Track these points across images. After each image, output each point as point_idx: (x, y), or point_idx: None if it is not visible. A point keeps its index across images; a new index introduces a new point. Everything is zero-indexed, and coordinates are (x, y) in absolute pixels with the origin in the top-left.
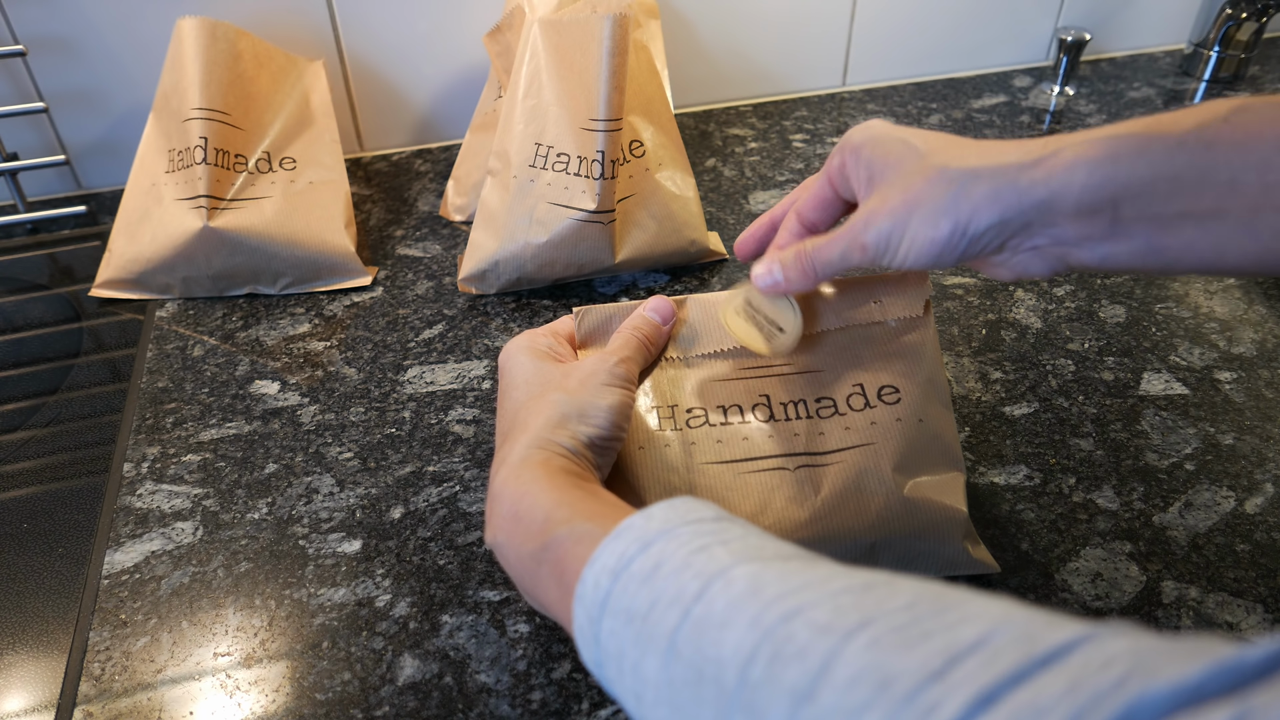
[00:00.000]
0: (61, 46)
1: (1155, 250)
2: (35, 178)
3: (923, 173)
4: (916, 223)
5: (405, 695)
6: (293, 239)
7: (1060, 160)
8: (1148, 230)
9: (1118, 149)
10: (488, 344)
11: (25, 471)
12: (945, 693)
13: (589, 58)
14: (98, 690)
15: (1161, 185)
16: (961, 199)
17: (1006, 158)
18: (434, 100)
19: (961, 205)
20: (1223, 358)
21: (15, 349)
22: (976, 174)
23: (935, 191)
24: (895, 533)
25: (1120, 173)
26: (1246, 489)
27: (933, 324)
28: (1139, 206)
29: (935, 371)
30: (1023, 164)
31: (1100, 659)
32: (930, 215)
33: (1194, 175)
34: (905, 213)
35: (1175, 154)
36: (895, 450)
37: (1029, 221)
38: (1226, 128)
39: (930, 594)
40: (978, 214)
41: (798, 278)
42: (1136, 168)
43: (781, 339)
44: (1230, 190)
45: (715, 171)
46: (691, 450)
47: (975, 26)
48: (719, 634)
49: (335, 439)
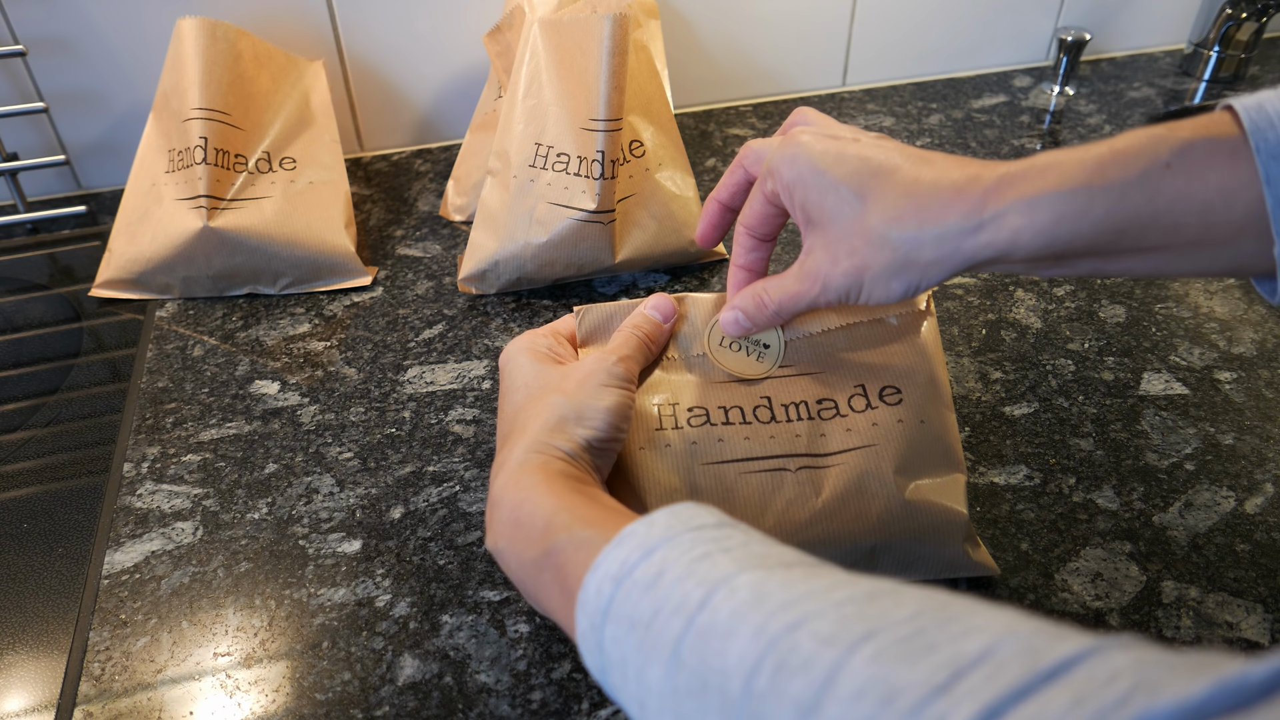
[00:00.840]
0: (61, 46)
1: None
2: (35, 178)
3: (864, 235)
4: (869, 284)
5: (405, 695)
6: (293, 239)
7: (1005, 225)
8: (1091, 263)
9: (1060, 211)
10: (488, 344)
11: (25, 471)
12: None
13: (589, 58)
14: (98, 690)
15: (1105, 238)
16: (910, 265)
17: (948, 219)
18: (434, 100)
19: (911, 270)
20: (1223, 358)
21: (15, 349)
22: (920, 242)
23: (882, 257)
24: (895, 535)
25: (1063, 233)
26: (1246, 489)
27: (935, 324)
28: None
29: (937, 372)
30: (964, 229)
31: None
32: (882, 278)
33: (1137, 225)
34: (857, 275)
35: (1118, 207)
36: (896, 452)
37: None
38: (1169, 175)
39: (934, 604)
40: (928, 275)
41: (762, 321)
42: (1080, 227)
43: (769, 353)
44: (1173, 232)
45: (715, 171)
46: (693, 450)
47: (975, 26)
48: (723, 643)
49: (335, 439)
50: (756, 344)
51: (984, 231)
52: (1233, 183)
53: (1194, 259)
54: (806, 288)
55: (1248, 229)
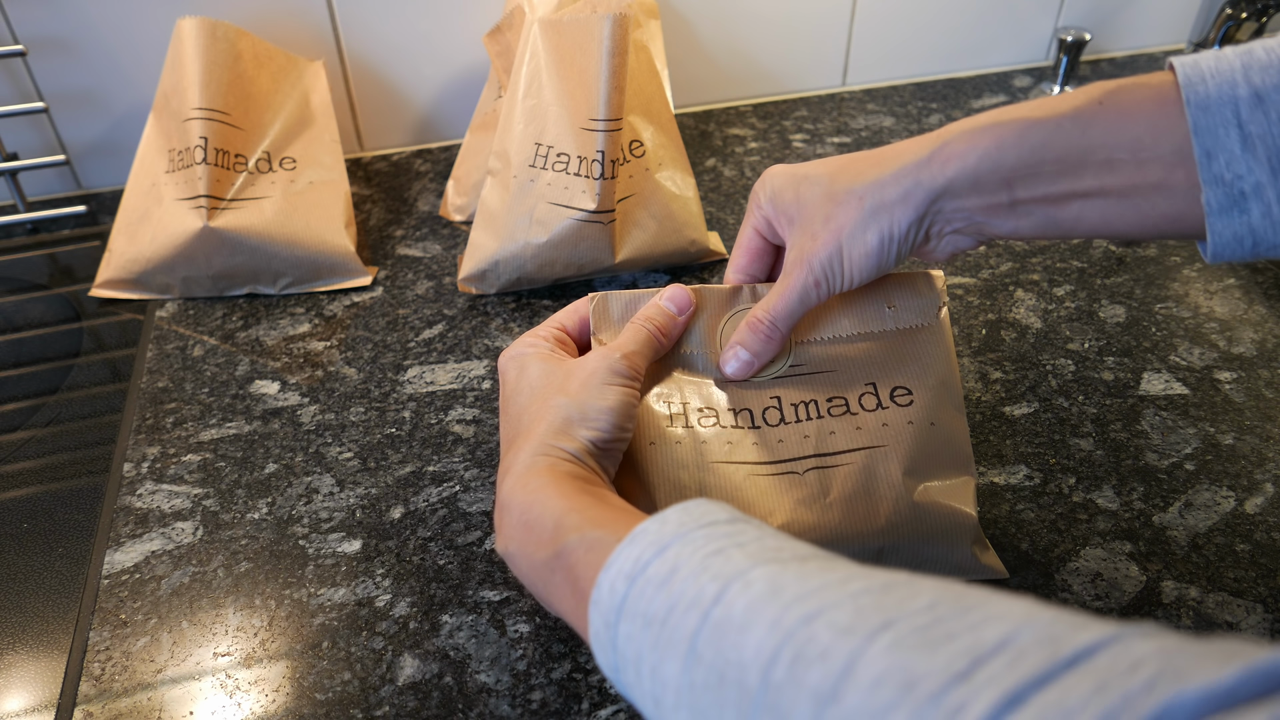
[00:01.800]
0: (61, 46)
1: (1052, 222)
2: (35, 178)
3: (834, 199)
4: (848, 244)
5: (405, 695)
6: (293, 239)
7: (952, 151)
8: (1043, 208)
9: (1002, 136)
10: (488, 344)
11: (25, 471)
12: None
13: (589, 58)
14: (98, 690)
15: (1046, 167)
16: (879, 210)
17: (904, 159)
18: (434, 100)
19: (880, 216)
20: (1223, 358)
21: (15, 349)
22: (882, 184)
23: (852, 212)
24: (904, 537)
25: (1007, 157)
26: (1246, 489)
27: (948, 328)
28: (1029, 187)
29: (949, 375)
30: (919, 161)
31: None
32: (858, 233)
33: (1074, 156)
34: (834, 240)
35: (1054, 137)
36: (906, 453)
37: (940, 208)
38: (1101, 110)
39: (951, 594)
40: (896, 218)
41: (763, 347)
42: (1020, 152)
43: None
44: (1108, 169)
45: (715, 171)
46: (702, 449)
47: (975, 26)
48: (739, 637)
49: (335, 439)
50: None
51: (934, 161)
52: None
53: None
54: (794, 279)
55: (1177, 169)
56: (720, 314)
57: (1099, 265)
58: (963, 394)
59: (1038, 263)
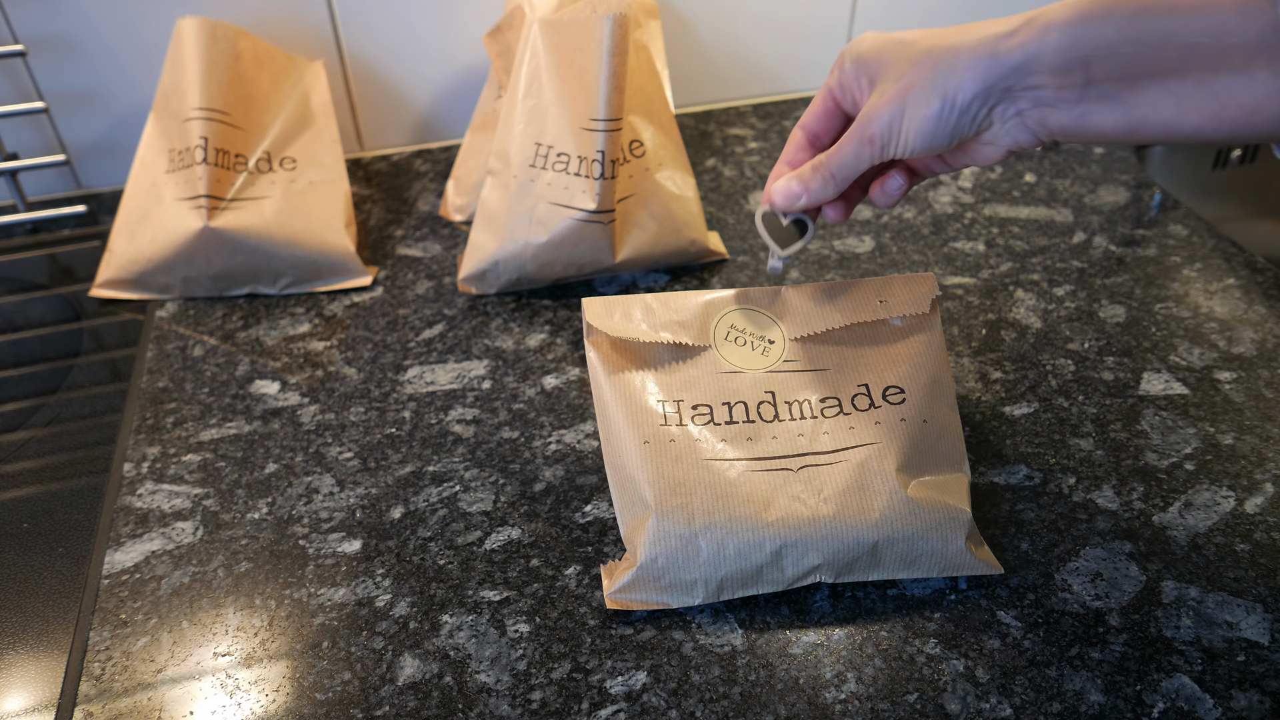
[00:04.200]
0: (61, 46)
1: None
2: (35, 178)
3: (912, 60)
4: (911, 104)
5: (405, 695)
6: (293, 239)
7: (1035, 26)
8: (1116, 90)
9: (1087, 14)
10: (487, 344)
11: (25, 471)
12: None
13: (589, 58)
14: (98, 690)
15: (1127, 47)
16: (948, 75)
17: (986, 31)
18: (434, 100)
19: (948, 80)
20: (1223, 358)
21: (15, 349)
22: (958, 50)
23: (923, 73)
24: (898, 532)
25: (1089, 34)
26: (1246, 489)
27: (939, 325)
28: (1107, 67)
29: (940, 372)
30: (1000, 34)
31: None
32: (922, 94)
33: (1157, 38)
34: (900, 99)
35: (1139, 18)
36: (899, 450)
37: (1009, 85)
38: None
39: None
40: (963, 86)
41: (819, 187)
42: (1104, 30)
43: (774, 349)
44: (1190, 52)
45: (715, 171)
46: (696, 446)
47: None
48: None
49: (335, 439)
50: (761, 339)
51: (1016, 35)
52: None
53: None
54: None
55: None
56: (716, 312)
57: (1099, 265)
58: (955, 391)
59: (1038, 263)
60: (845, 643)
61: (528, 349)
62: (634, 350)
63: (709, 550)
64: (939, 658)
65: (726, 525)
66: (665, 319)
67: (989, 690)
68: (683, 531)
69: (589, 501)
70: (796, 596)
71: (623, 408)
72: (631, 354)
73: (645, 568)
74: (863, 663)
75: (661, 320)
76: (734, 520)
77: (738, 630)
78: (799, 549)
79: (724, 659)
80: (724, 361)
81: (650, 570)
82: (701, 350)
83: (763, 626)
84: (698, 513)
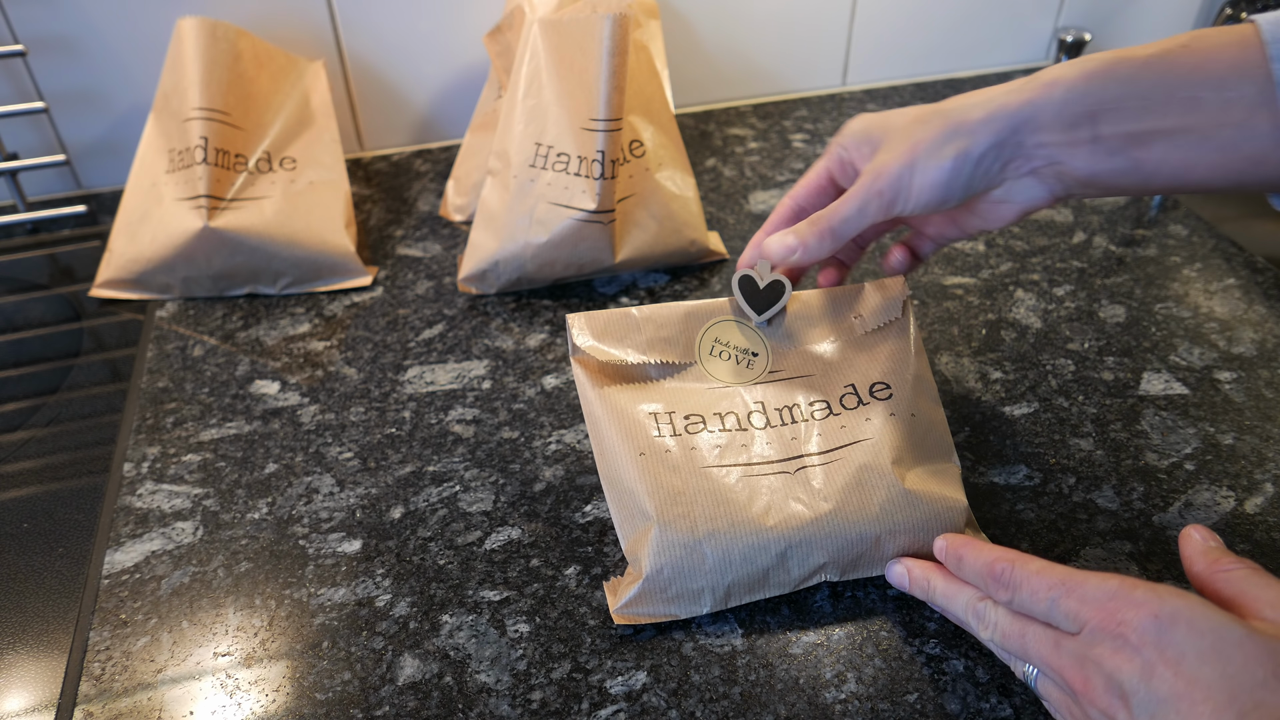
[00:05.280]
0: (61, 46)
1: (1134, 164)
2: (35, 178)
3: (920, 120)
4: (922, 159)
5: (405, 695)
6: (293, 239)
7: (1040, 82)
8: (1124, 145)
9: (1091, 71)
10: (487, 344)
11: (25, 471)
12: None
13: (589, 58)
14: (98, 690)
15: (1131, 102)
16: (960, 129)
17: (993, 91)
18: (434, 100)
19: (961, 134)
20: (1223, 358)
21: (15, 349)
22: (968, 107)
23: (933, 130)
24: (899, 524)
25: (1094, 89)
26: (1246, 489)
27: (913, 323)
28: (1114, 123)
29: (921, 369)
30: (1008, 91)
31: None
32: (934, 148)
33: (1160, 93)
34: (910, 154)
35: (1140, 74)
36: (892, 444)
37: (1020, 141)
38: (1185, 52)
39: None
40: (976, 138)
41: (815, 242)
42: (1108, 86)
43: (758, 361)
44: (1192, 107)
45: (715, 171)
46: (691, 455)
47: (975, 26)
48: None
49: (335, 439)
50: (745, 353)
51: (1024, 90)
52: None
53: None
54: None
55: (1260, 110)
56: (700, 325)
57: (1099, 265)
58: (936, 386)
59: (1038, 263)
60: (845, 643)
61: (528, 349)
62: (621, 367)
63: (714, 557)
64: (939, 658)
65: (730, 531)
66: (651, 335)
67: (989, 690)
68: (687, 540)
69: (589, 501)
70: (796, 596)
71: (614, 422)
72: (618, 371)
73: (651, 579)
74: (863, 663)
75: (647, 338)
76: (737, 525)
77: (738, 630)
78: (804, 549)
79: (724, 659)
80: (710, 377)
81: (656, 581)
82: (687, 366)
83: (763, 626)
84: (700, 520)
